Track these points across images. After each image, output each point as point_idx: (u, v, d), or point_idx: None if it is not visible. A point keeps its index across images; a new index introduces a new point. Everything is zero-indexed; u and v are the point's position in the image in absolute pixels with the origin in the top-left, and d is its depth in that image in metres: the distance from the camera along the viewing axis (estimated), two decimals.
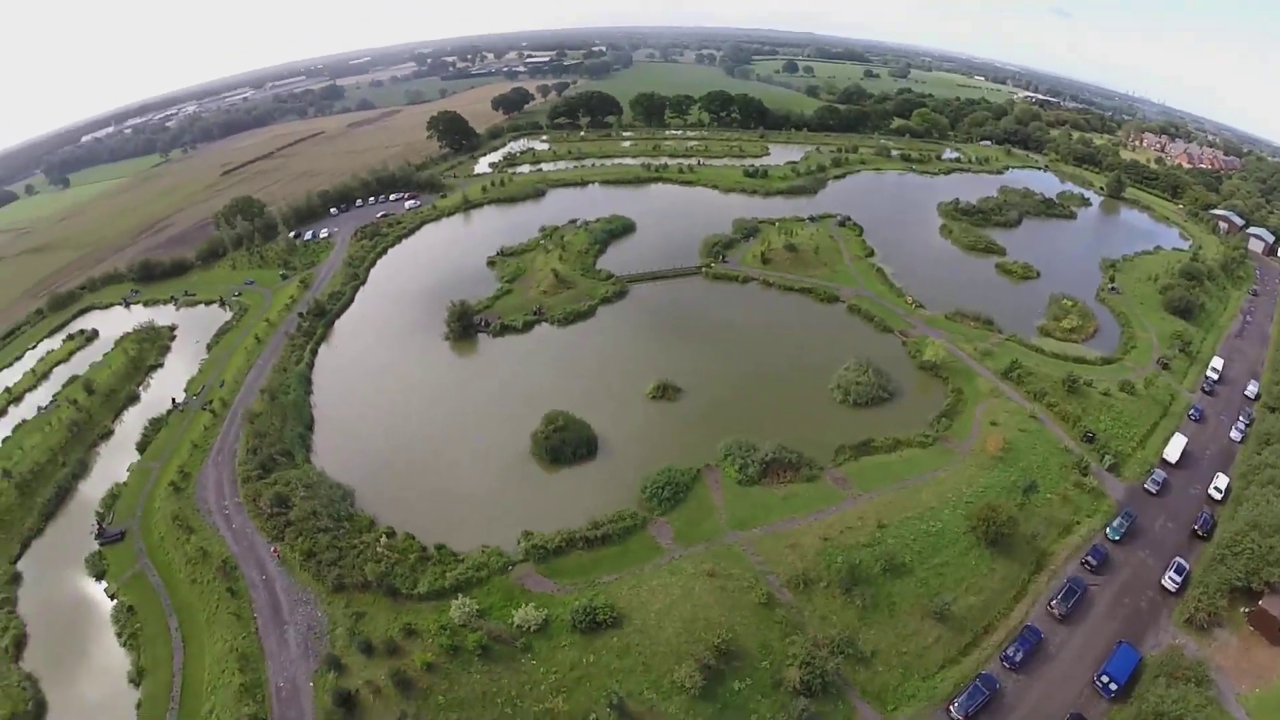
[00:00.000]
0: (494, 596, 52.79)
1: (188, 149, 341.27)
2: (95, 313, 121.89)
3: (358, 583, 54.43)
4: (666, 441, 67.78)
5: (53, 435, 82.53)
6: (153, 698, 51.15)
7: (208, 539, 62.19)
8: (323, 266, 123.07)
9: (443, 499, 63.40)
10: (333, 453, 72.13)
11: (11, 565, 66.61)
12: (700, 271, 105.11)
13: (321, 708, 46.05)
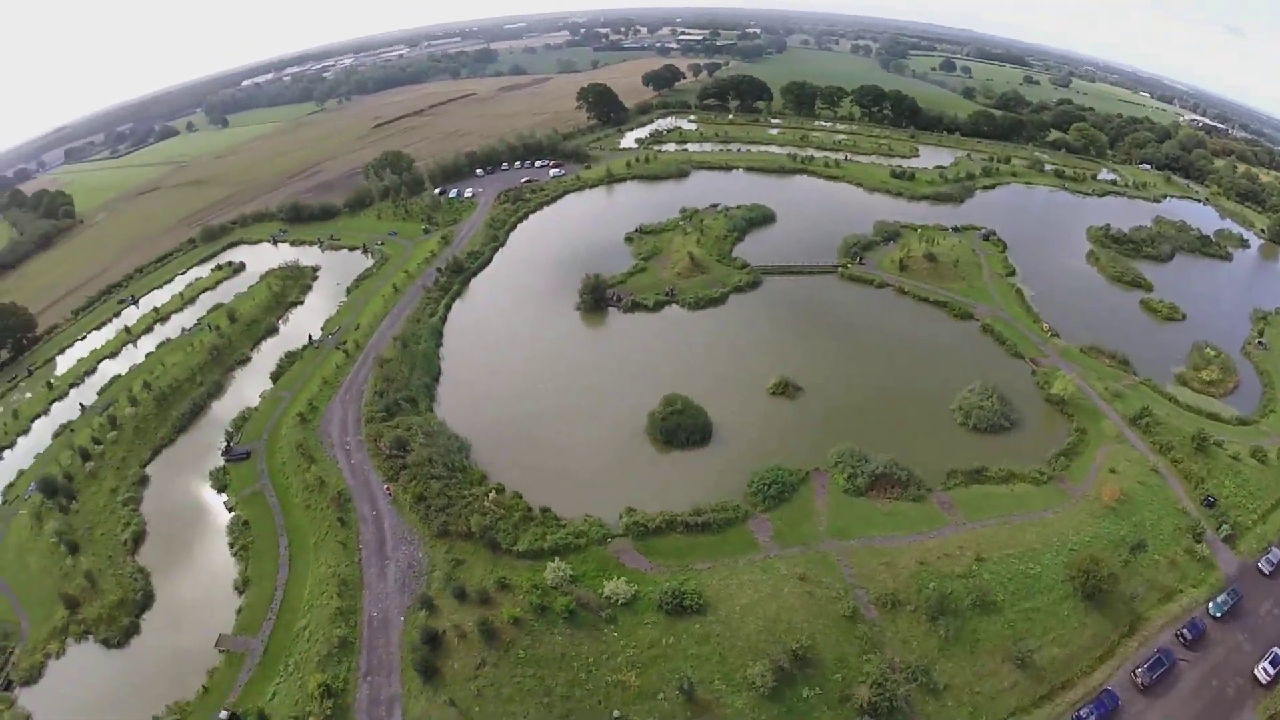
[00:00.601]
0: (589, 565, 70.35)
1: (342, 100, 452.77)
2: (244, 247, 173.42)
3: (461, 532, 74.88)
4: (780, 439, 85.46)
5: (194, 356, 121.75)
6: (253, 606, 75.41)
7: (326, 470, 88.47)
8: (464, 225, 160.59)
9: (554, 464, 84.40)
10: (455, 405, 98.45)
11: (141, 469, 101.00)
12: (836, 271, 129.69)
13: (408, 641, 65.09)
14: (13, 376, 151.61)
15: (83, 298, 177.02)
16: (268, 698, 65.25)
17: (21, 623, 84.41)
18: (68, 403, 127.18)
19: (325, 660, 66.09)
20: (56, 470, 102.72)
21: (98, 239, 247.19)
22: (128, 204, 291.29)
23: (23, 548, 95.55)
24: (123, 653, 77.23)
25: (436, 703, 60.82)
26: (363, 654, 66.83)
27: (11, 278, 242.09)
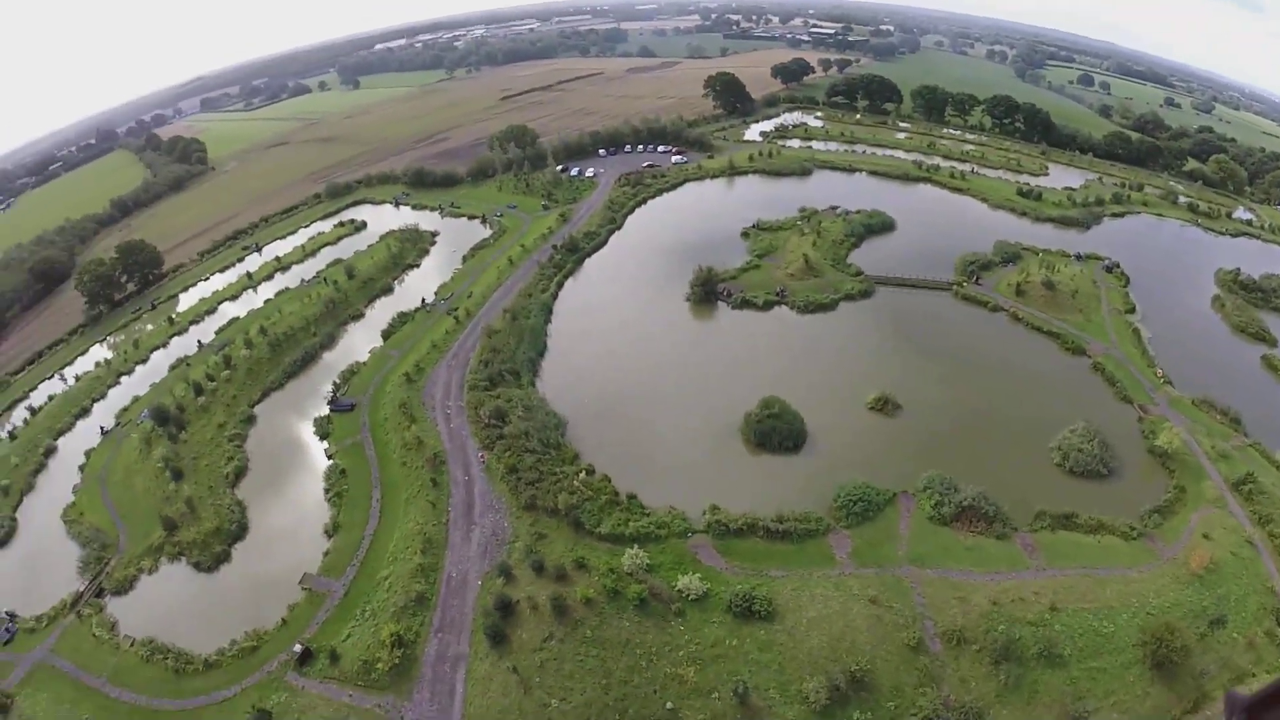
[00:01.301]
0: (666, 556, 76.01)
1: (471, 70, 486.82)
2: (367, 207, 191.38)
3: (548, 507, 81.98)
4: (872, 456, 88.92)
5: (310, 307, 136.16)
6: (339, 551, 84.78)
7: (426, 431, 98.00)
8: (583, 204, 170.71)
9: (645, 452, 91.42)
10: (556, 382, 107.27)
11: (249, 408, 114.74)
12: (951, 288, 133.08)
13: (482, 605, 72.38)
14: (137, 309, 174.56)
15: (209, 241, 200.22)
16: (342, 638, 73.90)
17: (120, 537, 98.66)
18: (186, 339, 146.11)
19: (401, 611, 74.16)
20: (170, 401, 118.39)
21: (227, 187, 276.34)
22: (258, 155, 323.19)
23: (130, 469, 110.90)
24: (211, 577, 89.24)
25: (500, 668, 67.60)
26: (437, 611, 74.73)
27: (143, 216, 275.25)
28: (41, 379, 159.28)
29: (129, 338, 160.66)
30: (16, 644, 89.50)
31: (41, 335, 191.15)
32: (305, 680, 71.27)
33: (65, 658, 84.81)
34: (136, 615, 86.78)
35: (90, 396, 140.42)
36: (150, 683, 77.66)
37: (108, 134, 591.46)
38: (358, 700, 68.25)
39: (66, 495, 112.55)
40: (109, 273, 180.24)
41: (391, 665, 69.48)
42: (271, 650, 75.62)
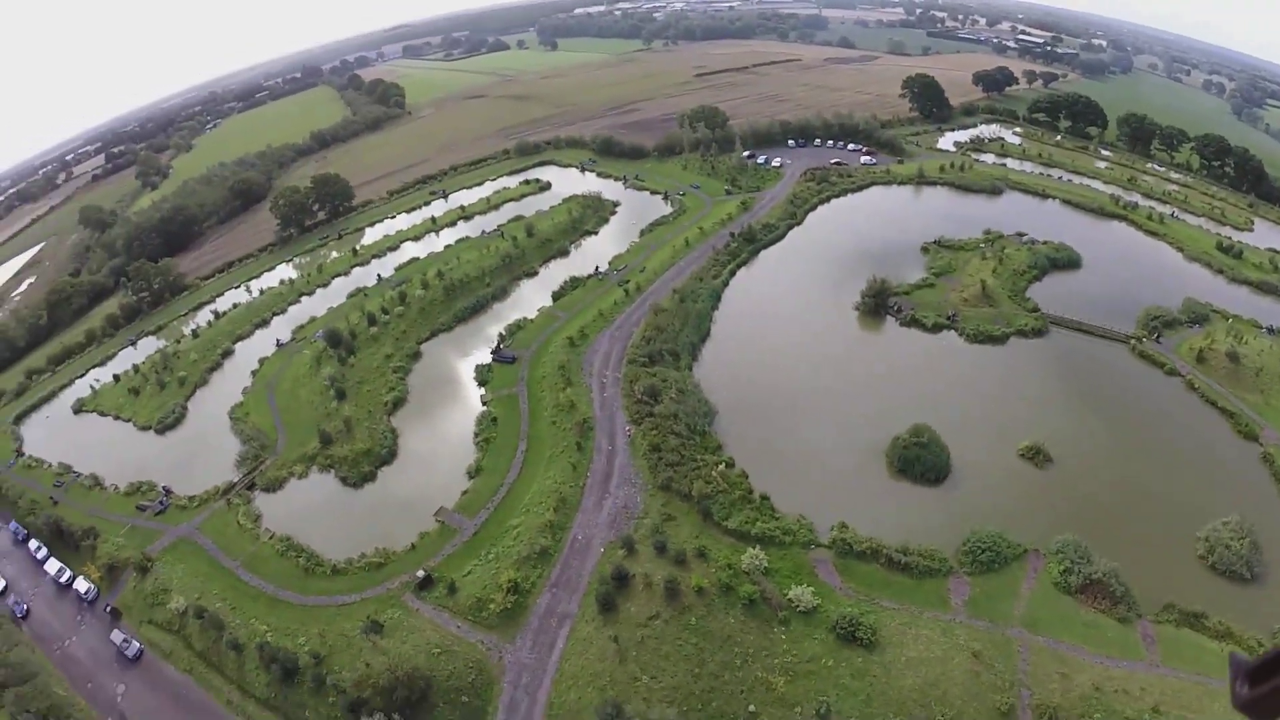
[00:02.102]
0: (785, 563, 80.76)
1: (668, 43, 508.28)
2: (553, 168, 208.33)
3: (682, 492, 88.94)
4: (1012, 505, 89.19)
5: (487, 258, 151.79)
6: (477, 493, 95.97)
7: (579, 395, 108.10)
8: (766, 194, 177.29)
9: (787, 456, 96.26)
10: (713, 371, 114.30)
11: (417, 345, 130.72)
12: (1128, 342, 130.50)
13: (600, 572, 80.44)
14: (325, 236, 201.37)
15: (399, 182, 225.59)
16: (463, 573, 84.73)
17: (279, 441, 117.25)
18: (367, 270, 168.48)
19: (522, 561, 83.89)
20: (344, 326, 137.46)
21: (421, 132, 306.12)
22: (454, 105, 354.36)
23: (298, 382, 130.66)
24: (354, 493, 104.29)
25: (603, 634, 75.23)
26: (557, 568, 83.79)
27: (339, 151, 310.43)
28: (228, 287, 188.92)
29: (314, 262, 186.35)
30: (168, 516, 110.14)
31: (233, 248, 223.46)
32: (421, 604, 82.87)
33: (208, 537, 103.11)
34: (279, 513, 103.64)
35: (271, 310, 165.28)
36: (279, 575, 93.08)
37: (313, 70, 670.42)
38: (464, 633, 78.59)
39: (236, 395, 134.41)
40: (303, 200, 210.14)
41: (503, 608, 79.29)
42: (396, 570, 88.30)
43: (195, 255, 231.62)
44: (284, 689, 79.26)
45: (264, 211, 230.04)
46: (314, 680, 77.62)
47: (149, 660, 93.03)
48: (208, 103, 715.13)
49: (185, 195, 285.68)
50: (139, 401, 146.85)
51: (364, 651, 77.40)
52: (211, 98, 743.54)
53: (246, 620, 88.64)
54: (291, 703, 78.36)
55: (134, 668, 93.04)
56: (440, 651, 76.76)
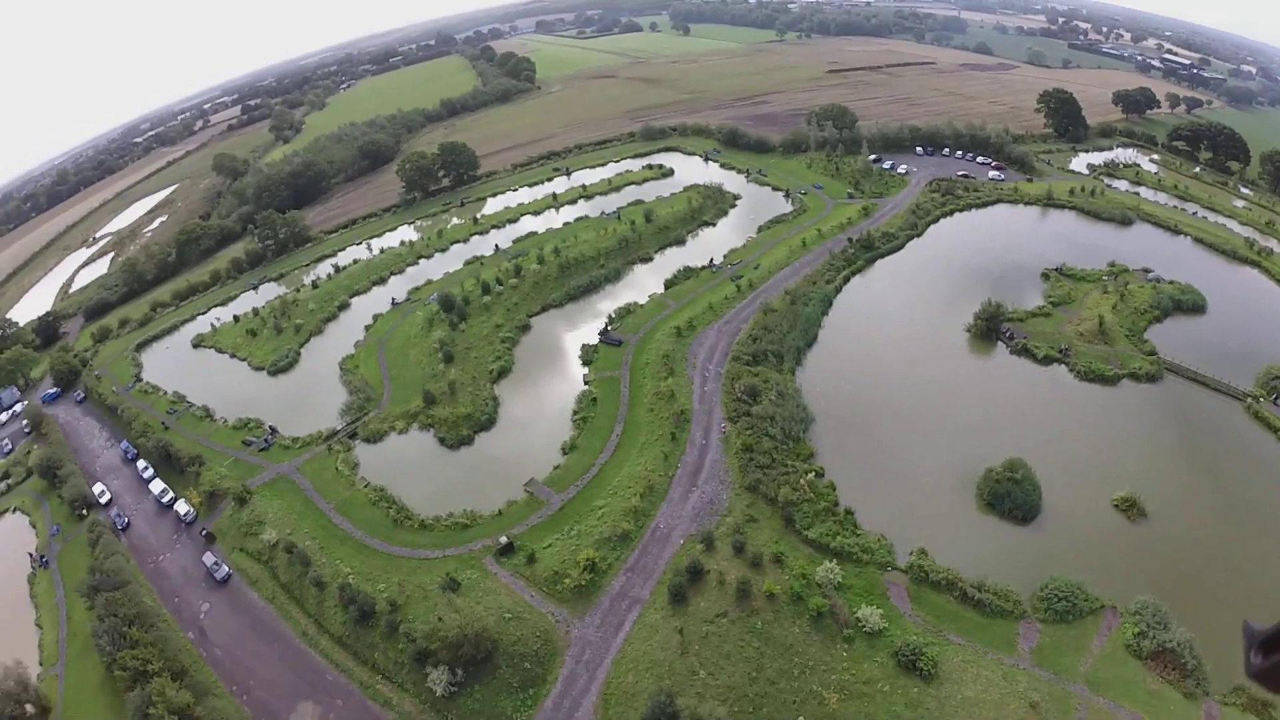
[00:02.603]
0: (859, 581, 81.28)
1: (802, 36, 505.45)
2: (677, 155, 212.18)
3: (768, 495, 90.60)
4: (1097, 556, 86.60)
5: (603, 240, 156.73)
6: (568, 468, 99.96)
7: (680, 386, 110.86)
8: (888, 201, 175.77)
9: (876, 473, 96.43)
10: (814, 377, 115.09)
11: (527, 318, 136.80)
12: (1244, 400, 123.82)
13: (676, 563, 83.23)
14: (447, 203, 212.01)
15: (524, 155, 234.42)
16: (543, 545, 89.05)
17: (384, 396, 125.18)
18: (485, 240, 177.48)
19: (603, 542, 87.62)
20: (458, 292, 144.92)
21: (549, 108, 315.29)
22: (583, 84, 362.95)
23: (409, 341, 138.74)
24: (451, 454, 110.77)
25: (669, 624, 77.94)
26: (635, 553, 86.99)
27: (467, 120, 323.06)
28: (350, 243, 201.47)
29: (434, 227, 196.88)
30: (271, 454, 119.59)
31: (357, 206, 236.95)
32: (499, 569, 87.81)
33: (306, 478, 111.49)
34: (376, 464, 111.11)
35: (389, 269, 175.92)
36: (369, 523, 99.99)
37: (447, 39, 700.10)
38: (536, 602, 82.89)
39: (348, 348, 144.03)
40: (429, 166, 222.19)
41: (578, 585, 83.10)
42: (480, 533, 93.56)
43: (321, 209, 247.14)
44: (358, 630, 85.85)
45: (390, 173, 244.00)
46: (388, 626, 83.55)
47: (235, 584, 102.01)
48: (343, 64, 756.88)
49: (316, 151, 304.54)
50: (255, 343, 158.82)
51: (439, 606, 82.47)
52: (347, 59, 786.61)
53: (332, 560, 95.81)
54: (363, 644, 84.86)
55: (220, 590, 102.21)
56: (511, 617, 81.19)
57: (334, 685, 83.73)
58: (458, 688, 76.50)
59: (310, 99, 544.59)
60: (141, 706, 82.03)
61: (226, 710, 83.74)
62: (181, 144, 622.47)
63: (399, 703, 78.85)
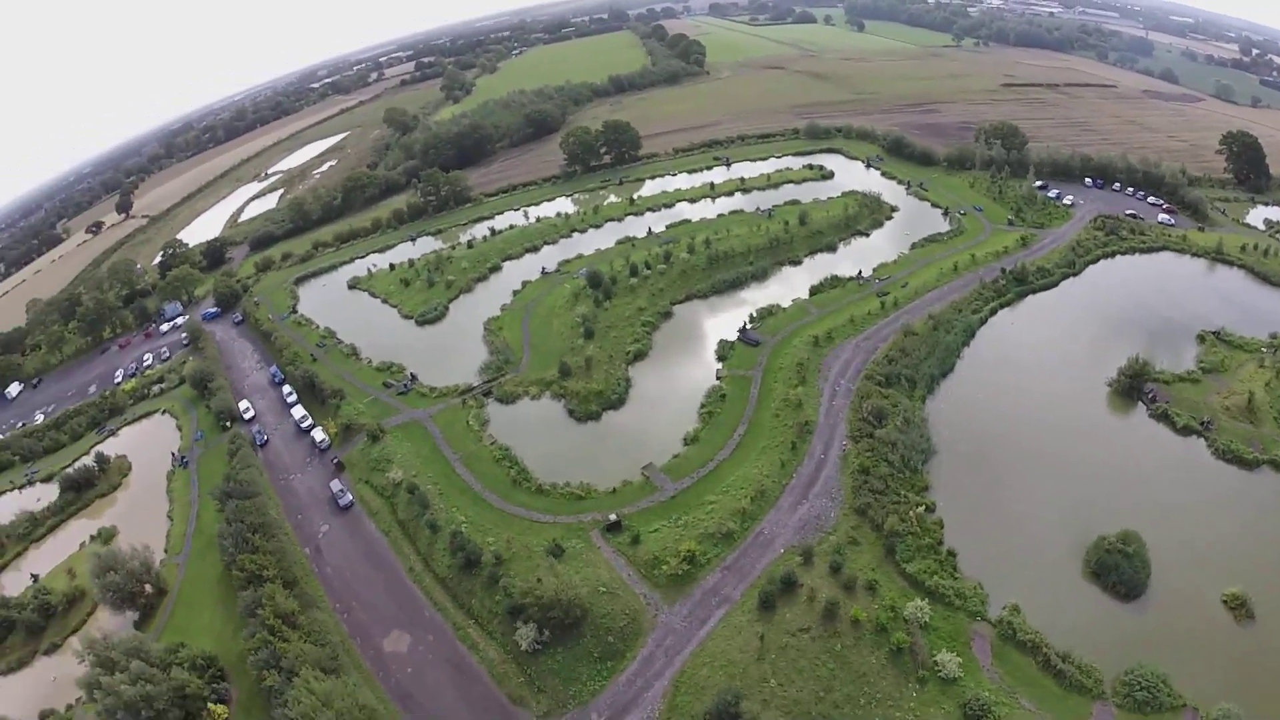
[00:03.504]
0: (945, 625, 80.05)
1: (979, 43, 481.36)
2: (839, 158, 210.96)
3: (875, 521, 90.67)
4: (1193, 651, 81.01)
5: (755, 237, 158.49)
6: (686, 460, 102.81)
7: (809, 396, 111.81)
8: (1049, 234, 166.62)
9: (986, 518, 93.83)
10: (944, 409, 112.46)
11: (670, 305, 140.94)
12: None
13: (772, 571, 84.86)
14: (606, 180, 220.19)
15: (685, 141, 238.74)
16: (650, 529, 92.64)
17: (523, 361, 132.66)
18: (639, 222, 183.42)
19: (706, 536, 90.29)
20: (607, 270, 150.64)
21: (716, 94, 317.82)
22: (751, 73, 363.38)
23: (553, 311, 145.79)
24: (577, 426, 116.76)
25: (753, 628, 79.84)
26: (735, 553, 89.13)
27: (633, 98, 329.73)
28: (508, 208, 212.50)
29: (591, 202, 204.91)
30: (408, 399, 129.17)
31: (518, 172, 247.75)
32: (603, 544, 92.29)
33: (438, 426, 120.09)
34: (505, 424, 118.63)
35: (543, 238, 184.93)
36: (490, 478, 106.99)
37: (619, 14, 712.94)
38: (632, 582, 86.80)
39: (494, 309, 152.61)
40: (592, 141, 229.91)
41: (674, 573, 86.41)
42: (592, 506, 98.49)
43: (483, 172, 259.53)
44: (461, 576, 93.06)
45: (553, 144, 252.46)
46: (489, 577, 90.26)
47: (355, 513, 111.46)
48: (516, 30, 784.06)
49: (484, 114, 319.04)
50: (407, 292, 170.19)
51: (540, 568, 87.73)
52: (521, 25, 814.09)
53: (449, 507, 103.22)
54: (463, 589, 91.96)
55: (341, 515, 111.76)
56: (605, 591, 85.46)
57: (429, 621, 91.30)
58: (541, 647, 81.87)
59: (482, 62, 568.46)
60: (251, 606, 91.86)
61: (326, 624, 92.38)
62: (355, 93, 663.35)
63: (485, 649, 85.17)
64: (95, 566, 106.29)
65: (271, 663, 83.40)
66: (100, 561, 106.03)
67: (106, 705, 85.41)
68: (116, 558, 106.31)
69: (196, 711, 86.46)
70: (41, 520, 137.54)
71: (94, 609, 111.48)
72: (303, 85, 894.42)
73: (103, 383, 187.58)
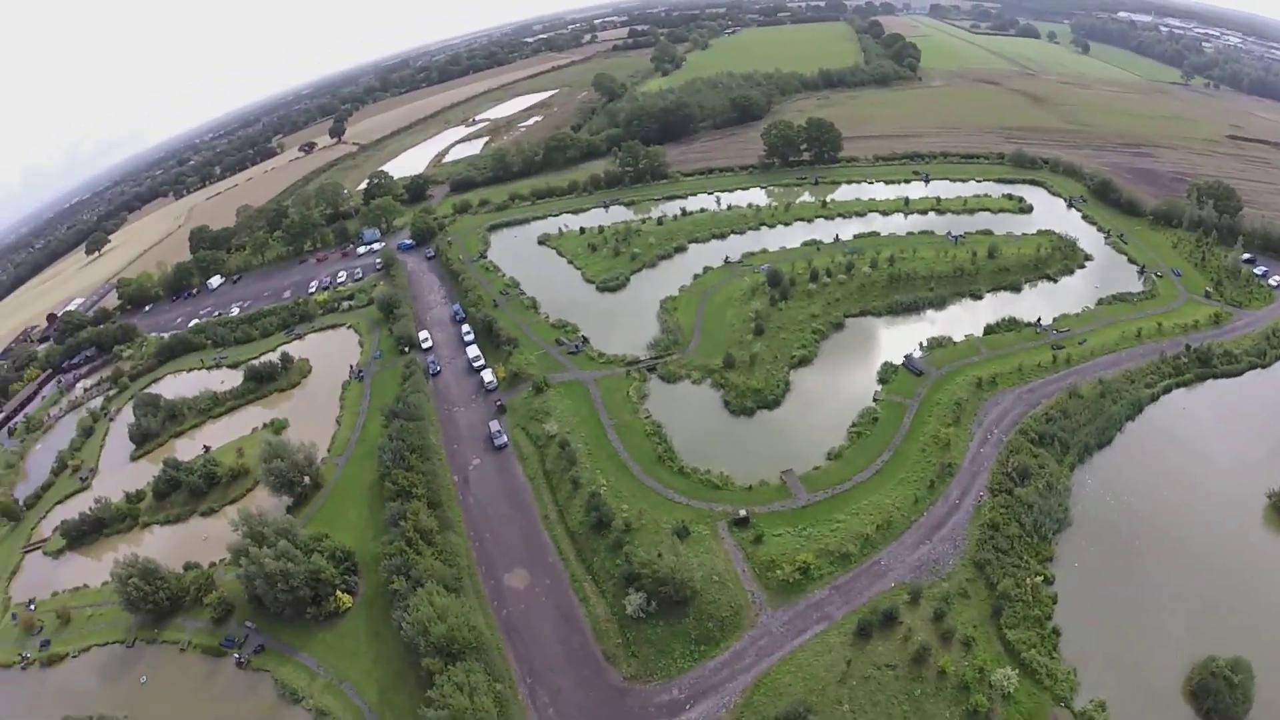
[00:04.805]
0: (1029, 701, 76.05)
1: (1210, 84, 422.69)
2: (1040, 192, 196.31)
3: (990, 579, 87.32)
4: None
5: (940, 263, 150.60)
6: (825, 473, 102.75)
7: (959, 438, 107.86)
8: (1245, 315, 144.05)
9: (1103, 603, 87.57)
10: (1091, 481, 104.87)
11: (843, 317, 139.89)
12: None
13: (876, 601, 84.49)
14: (802, 177, 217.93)
15: (887, 149, 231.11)
16: (774, 532, 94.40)
17: (691, 344, 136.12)
18: (828, 226, 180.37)
19: (825, 553, 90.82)
20: (788, 270, 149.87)
21: (925, 103, 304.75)
22: (964, 85, 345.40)
23: (728, 302, 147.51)
24: (730, 419, 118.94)
25: (842, 652, 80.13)
26: (847, 575, 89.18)
27: (841, 96, 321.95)
28: (702, 191, 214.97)
29: (784, 197, 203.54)
30: (576, 359, 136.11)
31: (717, 156, 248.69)
32: (727, 536, 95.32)
33: (599, 391, 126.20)
34: (661, 402, 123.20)
35: (731, 227, 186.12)
36: (637, 450, 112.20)
37: (837, 4, 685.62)
38: (745, 579, 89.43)
39: (672, 289, 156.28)
40: (793, 137, 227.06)
41: (786, 580, 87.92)
42: (725, 498, 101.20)
43: (682, 150, 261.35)
44: (590, 534, 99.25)
45: (755, 132, 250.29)
46: (615, 542, 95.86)
47: (507, 454, 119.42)
48: (732, 8, 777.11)
49: (690, 92, 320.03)
50: (593, 257, 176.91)
51: (663, 544, 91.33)
52: (736, 4, 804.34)
53: (593, 468, 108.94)
54: (589, 546, 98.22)
55: (494, 454, 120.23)
56: (717, 580, 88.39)
57: (550, 567, 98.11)
58: (646, 616, 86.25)
59: (694, 37, 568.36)
60: (395, 517, 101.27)
61: (458, 548, 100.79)
62: (567, 52, 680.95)
63: (594, 605, 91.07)
64: (264, 451, 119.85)
65: (402, 570, 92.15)
66: (269, 448, 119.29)
67: (249, 571, 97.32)
68: (285, 447, 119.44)
69: (325, 596, 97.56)
70: (222, 400, 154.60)
71: (254, 487, 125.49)
72: (517, 38, 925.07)
73: (297, 290, 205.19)
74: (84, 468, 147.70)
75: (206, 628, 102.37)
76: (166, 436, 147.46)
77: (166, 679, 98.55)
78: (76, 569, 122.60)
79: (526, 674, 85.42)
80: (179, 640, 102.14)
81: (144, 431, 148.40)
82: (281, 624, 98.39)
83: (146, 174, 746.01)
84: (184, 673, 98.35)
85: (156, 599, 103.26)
